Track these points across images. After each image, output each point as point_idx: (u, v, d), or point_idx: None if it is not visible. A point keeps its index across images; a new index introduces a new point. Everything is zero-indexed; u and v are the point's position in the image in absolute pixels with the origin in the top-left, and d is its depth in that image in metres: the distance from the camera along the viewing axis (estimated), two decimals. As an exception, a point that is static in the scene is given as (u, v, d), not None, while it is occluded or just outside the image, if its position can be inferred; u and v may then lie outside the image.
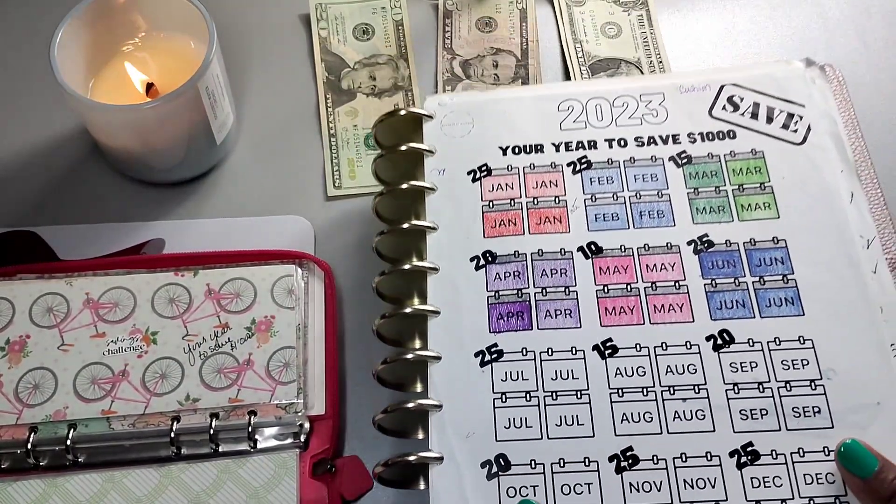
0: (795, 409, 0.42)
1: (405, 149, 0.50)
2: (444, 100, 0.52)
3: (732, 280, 0.46)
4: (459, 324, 0.46)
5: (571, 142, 0.50)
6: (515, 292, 0.46)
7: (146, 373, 0.47)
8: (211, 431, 0.46)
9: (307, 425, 0.47)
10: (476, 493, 0.42)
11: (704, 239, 0.47)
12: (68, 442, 0.45)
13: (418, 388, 0.46)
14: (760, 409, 0.42)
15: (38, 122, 0.59)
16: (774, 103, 0.51)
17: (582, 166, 0.50)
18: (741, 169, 0.49)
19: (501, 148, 0.50)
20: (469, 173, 0.50)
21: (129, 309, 0.49)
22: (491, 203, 0.49)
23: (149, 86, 0.54)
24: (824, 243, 0.46)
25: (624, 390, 0.43)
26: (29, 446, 0.45)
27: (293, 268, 0.50)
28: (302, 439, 0.47)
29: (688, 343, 0.44)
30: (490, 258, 0.47)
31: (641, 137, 0.50)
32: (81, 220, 0.55)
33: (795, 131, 0.50)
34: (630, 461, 0.42)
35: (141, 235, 0.54)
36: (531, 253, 0.47)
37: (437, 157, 0.50)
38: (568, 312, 0.45)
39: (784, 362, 0.43)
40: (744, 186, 0.48)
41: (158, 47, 0.56)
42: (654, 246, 0.47)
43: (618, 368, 0.44)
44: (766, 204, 0.48)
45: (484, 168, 0.50)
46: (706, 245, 0.47)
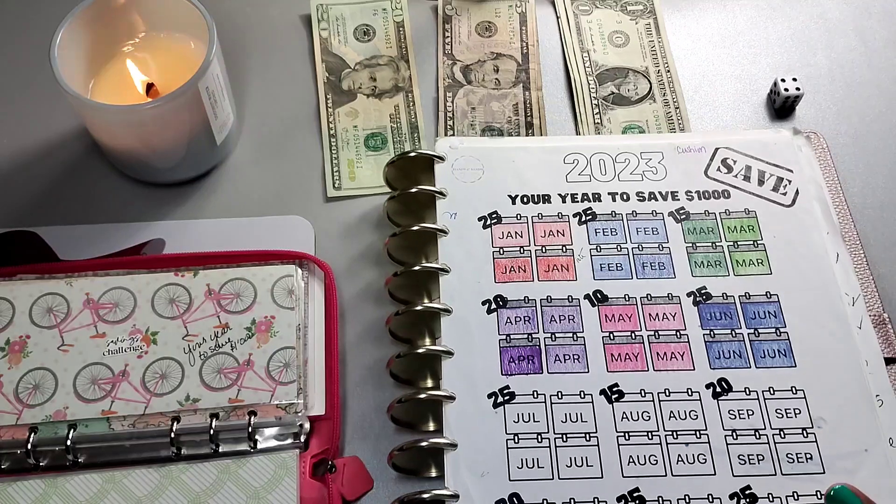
0: (789, 456, 0.45)
1: (416, 191, 0.53)
2: (455, 143, 0.55)
3: (729, 331, 0.49)
4: (472, 365, 0.48)
5: (577, 193, 0.53)
6: (526, 336, 0.48)
7: (146, 373, 0.47)
8: (211, 432, 0.46)
9: (307, 425, 0.47)
10: None
11: (703, 291, 0.50)
12: (68, 442, 0.45)
13: (430, 427, 0.48)
14: (757, 455, 0.45)
15: (38, 122, 0.59)
16: (765, 167, 0.54)
17: (587, 217, 0.52)
18: (735, 227, 0.52)
19: (510, 196, 0.53)
20: (480, 219, 0.52)
21: (130, 309, 0.49)
22: (501, 249, 0.51)
23: (149, 86, 0.54)
24: (813, 299, 0.50)
25: (630, 434, 0.46)
26: (29, 446, 0.45)
27: (293, 268, 0.50)
28: (302, 439, 0.47)
29: (689, 390, 0.47)
30: (501, 303, 0.49)
31: (643, 193, 0.53)
32: (81, 220, 0.55)
33: (785, 194, 0.53)
34: (637, 502, 0.44)
35: (141, 235, 0.54)
36: (540, 299, 0.49)
37: (449, 201, 0.53)
38: (576, 357, 0.48)
39: (778, 411, 0.46)
40: (738, 243, 0.51)
41: (158, 47, 0.56)
42: (657, 296, 0.50)
43: (624, 412, 0.46)
44: (760, 260, 0.51)
45: (494, 215, 0.52)
46: (704, 297, 0.50)
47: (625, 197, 0.53)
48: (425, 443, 0.45)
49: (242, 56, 0.62)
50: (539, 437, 0.46)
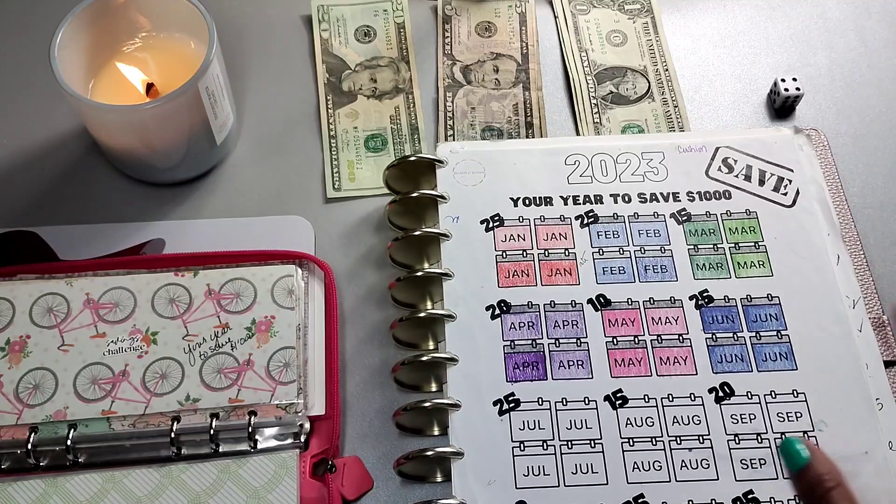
0: None
1: (417, 195, 0.52)
2: (456, 147, 0.55)
3: (731, 335, 0.49)
4: (477, 372, 0.47)
5: (579, 195, 0.53)
6: (530, 342, 0.48)
7: (146, 373, 0.47)
8: (211, 432, 0.46)
9: (307, 425, 0.47)
10: None
11: (705, 294, 0.50)
12: (68, 442, 0.45)
13: (435, 431, 0.48)
14: (759, 459, 0.45)
15: (38, 122, 0.59)
16: (766, 167, 0.54)
17: (589, 220, 0.52)
18: (737, 228, 0.52)
19: (512, 199, 0.53)
20: (482, 222, 0.52)
21: (130, 309, 0.49)
22: (504, 253, 0.51)
23: (149, 86, 0.54)
24: (814, 302, 0.50)
25: (634, 440, 0.46)
26: (29, 446, 0.45)
27: (293, 268, 0.50)
28: (302, 439, 0.47)
29: (692, 395, 0.47)
30: (505, 308, 0.49)
31: (644, 194, 0.53)
32: (81, 220, 0.55)
33: (785, 194, 0.53)
34: None
35: (141, 235, 0.54)
36: (544, 304, 0.49)
37: (451, 205, 0.53)
38: (580, 363, 0.48)
39: (780, 414, 0.46)
40: (739, 245, 0.51)
41: (158, 47, 0.56)
42: (659, 299, 0.50)
43: (628, 418, 0.46)
44: (761, 262, 0.51)
45: (496, 218, 0.52)
46: (706, 300, 0.50)
47: (626, 198, 0.53)
48: (431, 452, 0.45)
49: (242, 56, 0.62)
50: (545, 445, 0.46)
